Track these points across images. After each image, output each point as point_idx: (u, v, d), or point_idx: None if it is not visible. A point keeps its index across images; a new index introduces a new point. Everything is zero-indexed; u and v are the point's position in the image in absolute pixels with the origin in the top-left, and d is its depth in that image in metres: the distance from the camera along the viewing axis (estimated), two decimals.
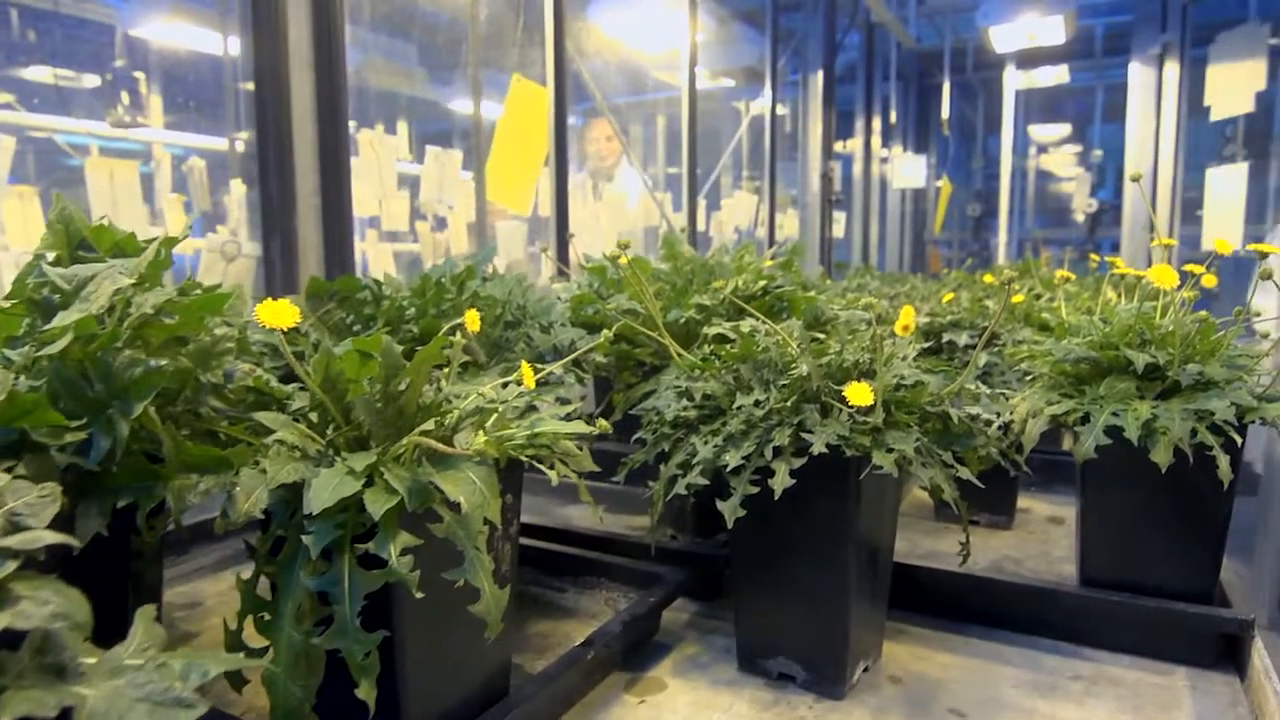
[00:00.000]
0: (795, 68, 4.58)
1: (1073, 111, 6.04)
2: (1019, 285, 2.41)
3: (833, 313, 1.25)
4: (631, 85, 4.11)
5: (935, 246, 6.11)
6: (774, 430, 0.81)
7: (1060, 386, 1.01)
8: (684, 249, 1.39)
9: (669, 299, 1.32)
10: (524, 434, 0.69)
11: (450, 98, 3.61)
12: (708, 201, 4.36)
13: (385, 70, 4.04)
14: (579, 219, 3.79)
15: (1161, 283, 0.88)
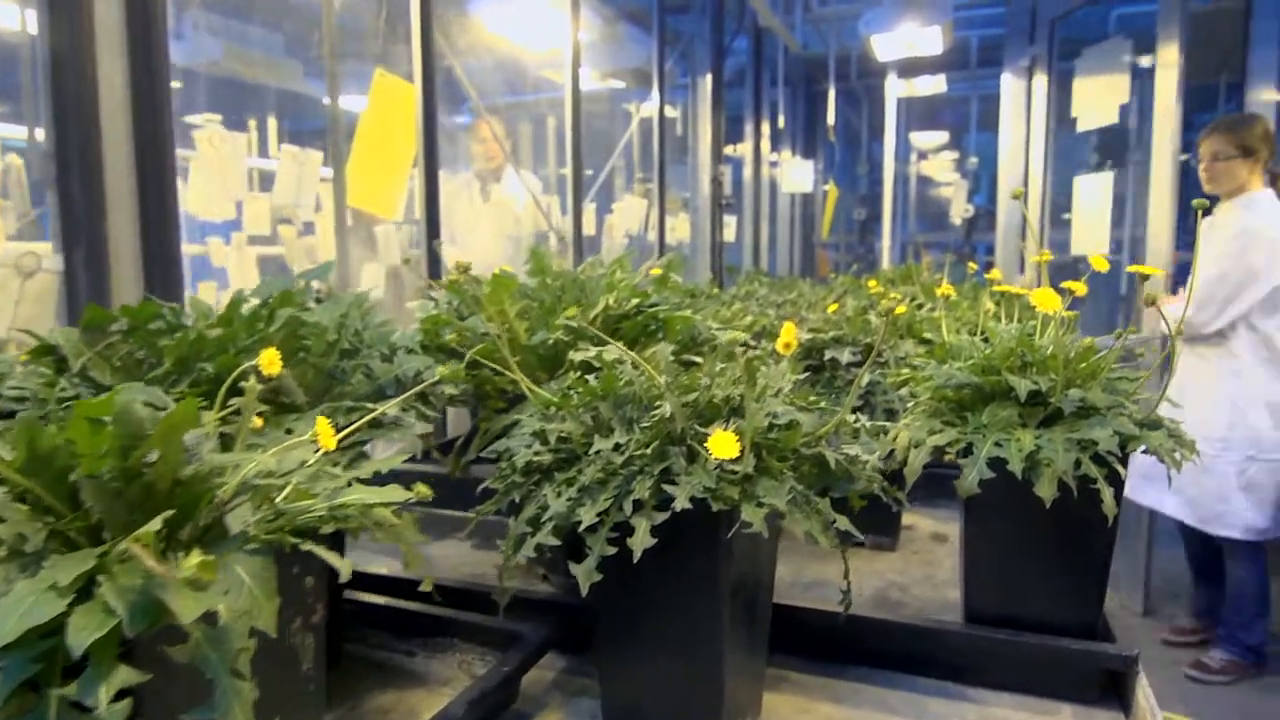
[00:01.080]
0: (685, 70, 4.54)
1: (950, 120, 6.27)
2: (900, 293, 2.42)
3: (710, 333, 1.16)
4: (519, 84, 3.97)
5: (824, 250, 6.22)
6: (635, 480, 0.71)
7: (942, 413, 0.95)
8: (554, 263, 1.27)
9: (536, 319, 1.20)
10: (322, 506, 0.57)
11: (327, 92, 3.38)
12: (599, 204, 4.27)
13: (250, 61, 3.75)
14: (463, 223, 3.62)
15: (1043, 306, 0.83)
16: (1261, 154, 2.59)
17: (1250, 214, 2.55)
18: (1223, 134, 2.62)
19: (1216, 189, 2.66)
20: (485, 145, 3.93)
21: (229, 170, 1.95)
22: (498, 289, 1.13)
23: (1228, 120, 2.70)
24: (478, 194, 3.78)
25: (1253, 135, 2.59)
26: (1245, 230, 2.51)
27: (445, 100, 3.55)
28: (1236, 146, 2.58)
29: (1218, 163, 2.62)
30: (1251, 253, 2.47)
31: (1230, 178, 2.61)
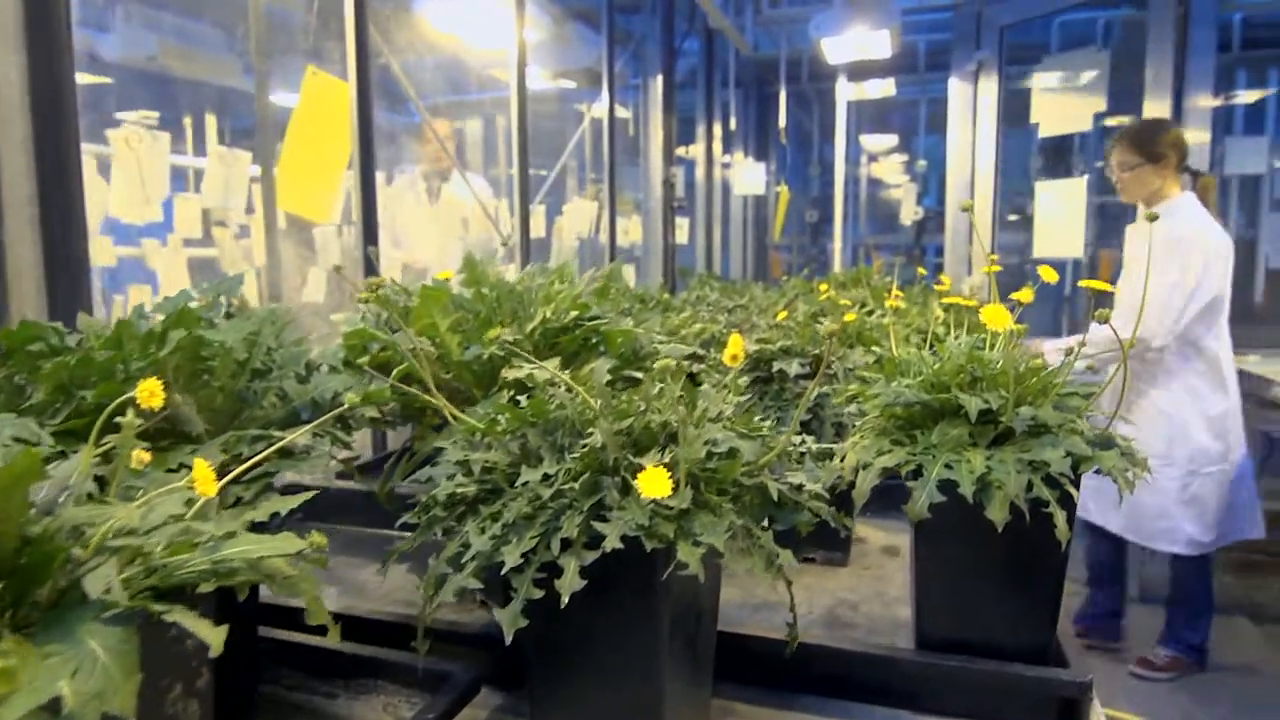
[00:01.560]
0: (636, 71, 4.49)
1: (899, 123, 6.33)
2: (851, 298, 2.40)
3: (653, 346, 1.12)
4: (467, 82, 3.88)
5: (776, 251, 6.23)
6: (564, 516, 0.66)
7: (890, 431, 0.92)
8: (491, 271, 1.21)
9: (470, 332, 1.14)
10: (201, 561, 0.50)
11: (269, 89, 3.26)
12: (551, 205, 4.20)
13: (186, 57, 3.61)
14: (409, 225, 3.52)
15: (994, 324, 0.80)
16: (1170, 158, 2.51)
17: (1174, 222, 2.48)
18: (1127, 143, 2.57)
19: (1130, 198, 2.63)
20: (432, 145, 3.84)
21: (151, 172, 1.84)
22: (427, 302, 1.07)
23: (1132, 128, 2.65)
24: (424, 195, 3.69)
25: (1158, 141, 2.53)
26: (1173, 240, 2.43)
27: (391, 98, 3.45)
28: (1141, 154, 2.53)
29: (1125, 172, 2.57)
30: (1188, 262, 2.40)
31: (1140, 185, 2.55)
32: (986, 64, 4.24)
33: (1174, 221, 2.47)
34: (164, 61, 3.39)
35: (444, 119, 3.74)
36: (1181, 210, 2.51)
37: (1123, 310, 2.38)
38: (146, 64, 3.43)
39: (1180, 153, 2.54)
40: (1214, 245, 2.44)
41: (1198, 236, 2.43)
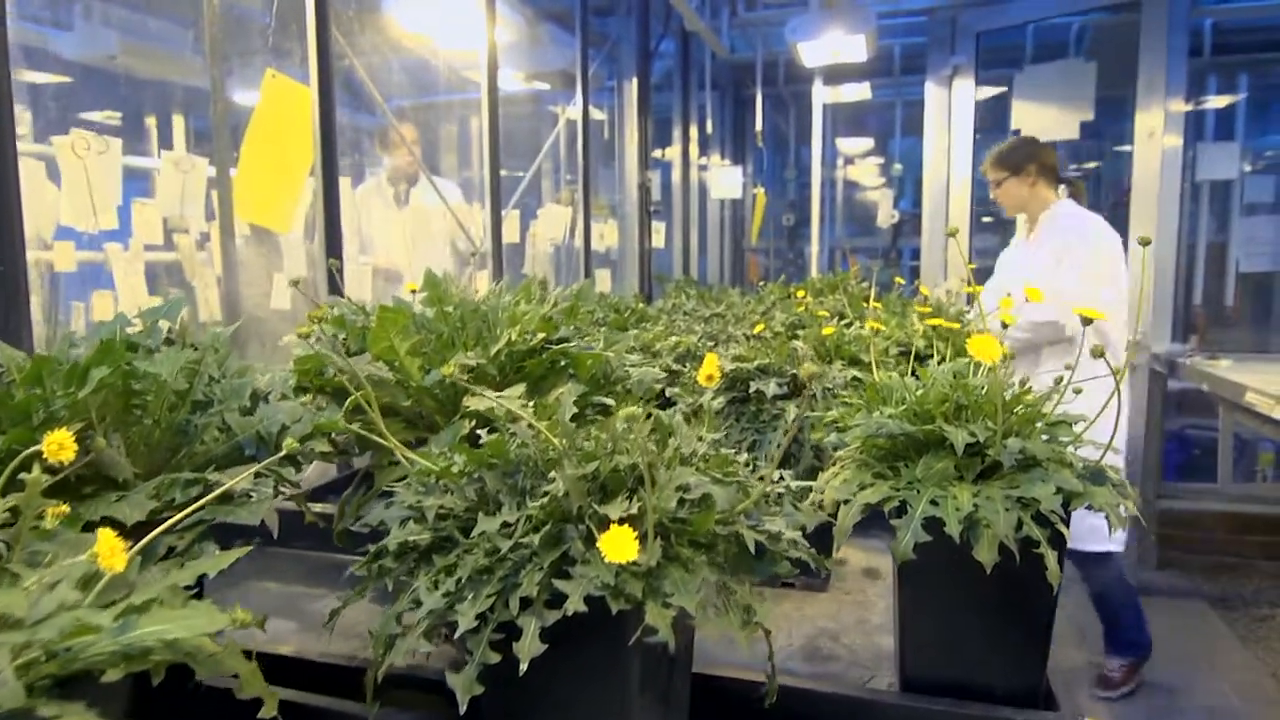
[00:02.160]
0: (611, 73, 4.44)
1: (875, 125, 6.33)
2: (829, 308, 2.37)
3: (623, 371, 1.06)
4: (439, 84, 3.81)
5: (754, 255, 6.21)
6: (524, 570, 0.60)
7: (872, 462, 0.87)
8: (453, 289, 1.15)
9: (432, 355, 1.08)
10: (107, 644, 0.44)
11: (236, 89, 3.18)
12: (528, 208, 4.13)
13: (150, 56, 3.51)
14: (379, 230, 3.44)
15: (982, 356, 0.75)
16: (1031, 167, 2.61)
17: (1058, 231, 2.55)
18: (989, 162, 2.72)
19: (1011, 212, 2.76)
20: (401, 149, 3.76)
21: (101, 180, 1.76)
22: (385, 324, 1.01)
23: (991, 151, 2.76)
24: (393, 199, 3.61)
25: (1015, 154, 2.65)
26: (1063, 247, 2.50)
27: (358, 99, 3.38)
28: (1003, 169, 2.65)
29: (997, 190, 2.71)
30: (1093, 262, 2.45)
31: (1013, 199, 2.68)
32: (962, 69, 4.24)
33: (1054, 231, 2.56)
34: (125, 60, 3.29)
35: (410, 123, 3.67)
36: (1064, 212, 2.59)
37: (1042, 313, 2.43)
38: (107, 63, 3.33)
39: (1041, 162, 2.63)
40: (1112, 238, 2.53)
41: (1096, 231, 2.51)
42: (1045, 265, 2.53)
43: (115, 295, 2.43)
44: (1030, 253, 2.66)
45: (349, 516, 0.96)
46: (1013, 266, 2.77)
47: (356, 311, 1.12)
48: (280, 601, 1.32)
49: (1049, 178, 2.65)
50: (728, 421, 1.24)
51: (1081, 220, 2.57)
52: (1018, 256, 2.78)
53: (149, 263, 2.69)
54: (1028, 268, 2.63)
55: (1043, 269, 2.53)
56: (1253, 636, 3.45)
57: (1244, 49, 4.87)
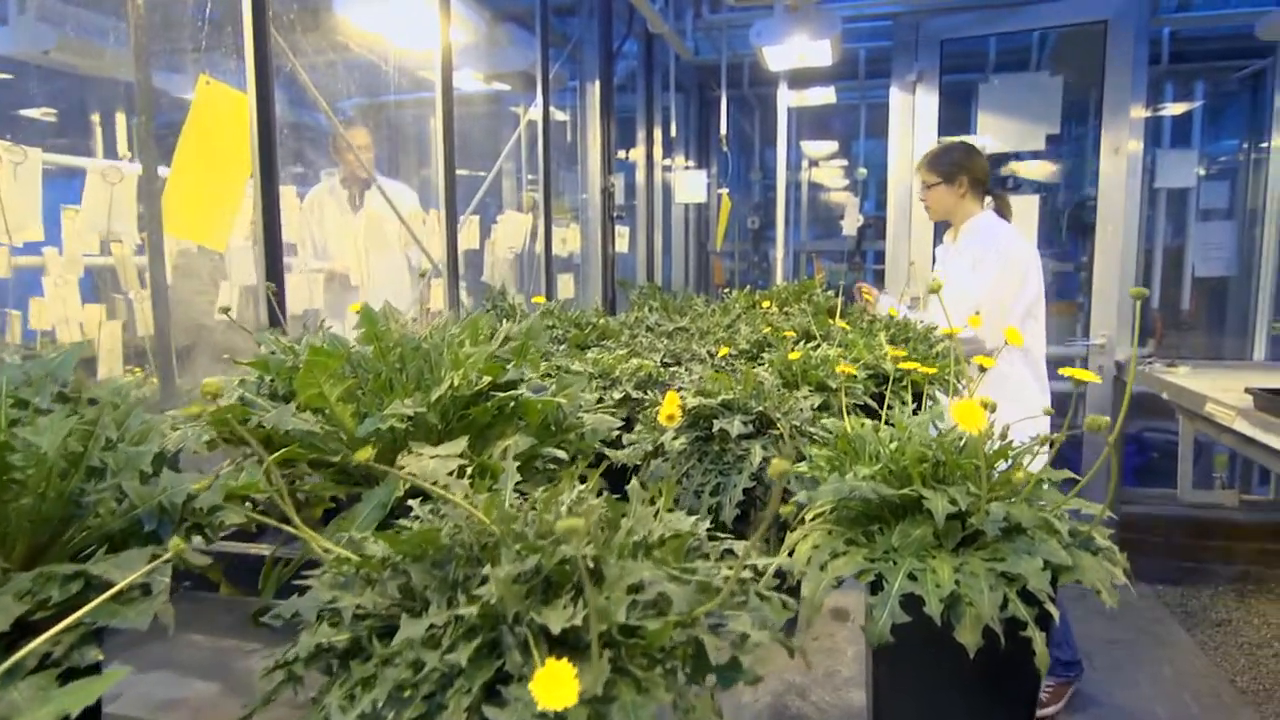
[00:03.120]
0: (574, 74, 4.35)
1: (840, 127, 6.31)
2: (794, 326, 2.31)
3: (576, 419, 0.98)
4: (399, 83, 3.68)
5: (719, 258, 6.16)
6: (450, 690, 0.52)
7: (844, 525, 0.81)
8: (393, 325, 1.06)
9: (368, 400, 0.99)
10: None
11: (184, 87, 3.04)
12: (488, 210, 4.02)
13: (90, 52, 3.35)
14: (333, 236, 3.31)
15: (966, 425, 0.69)
16: (963, 178, 2.64)
17: (976, 240, 2.63)
18: (923, 165, 2.72)
19: (934, 217, 2.78)
20: (359, 152, 3.64)
21: (20, 190, 1.64)
22: (314, 368, 0.92)
23: (929, 152, 2.76)
24: (347, 203, 3.49)
25: (949, 162, 2.66)
26: (982, 259, 2.57)
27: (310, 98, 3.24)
28: (936, 174, 2.67)
29: (926, 192, 2.72)
30: (1008, 267, 2.54)
31: (939, 205, 2.70)
32: (926, 75, 4.22)
33: (976, 241, 2.63)
34: (62, 56, 3.13)
35: (362, 128, 3.54)
36: (980, 230, 2.65)
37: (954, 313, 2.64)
38: (45, 59, 3.17)
39: (973, 175, 2.66)
40: (1024, 250, 2.61)
41: (1008, 252, 2.57)
42: (962, 270, 2.63)
43: None
44: (951, 258, 2.74)
45: (269, 589, 0.87)
46: (943, 264, 2.87)
47: (285, 350, 1.03)
48: (207, 659, 1.22)
49: (977, 191, 2.68)
50: (689, 462, 1.17)
51: (995, 231, 2.64)
52: (942, 257, 2.88)
53: (90, 268, 2.55)
54: (946, 272, 2.75)
55: (959, 274, 2.63)
56: (1211, 643, 3.48)
57: (1200, 57, 4.93)
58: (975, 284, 2.56)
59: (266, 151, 1.73)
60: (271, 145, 1.74)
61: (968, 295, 2.55)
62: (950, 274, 2.69)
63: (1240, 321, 4.87)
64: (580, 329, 2.29)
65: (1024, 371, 2.65)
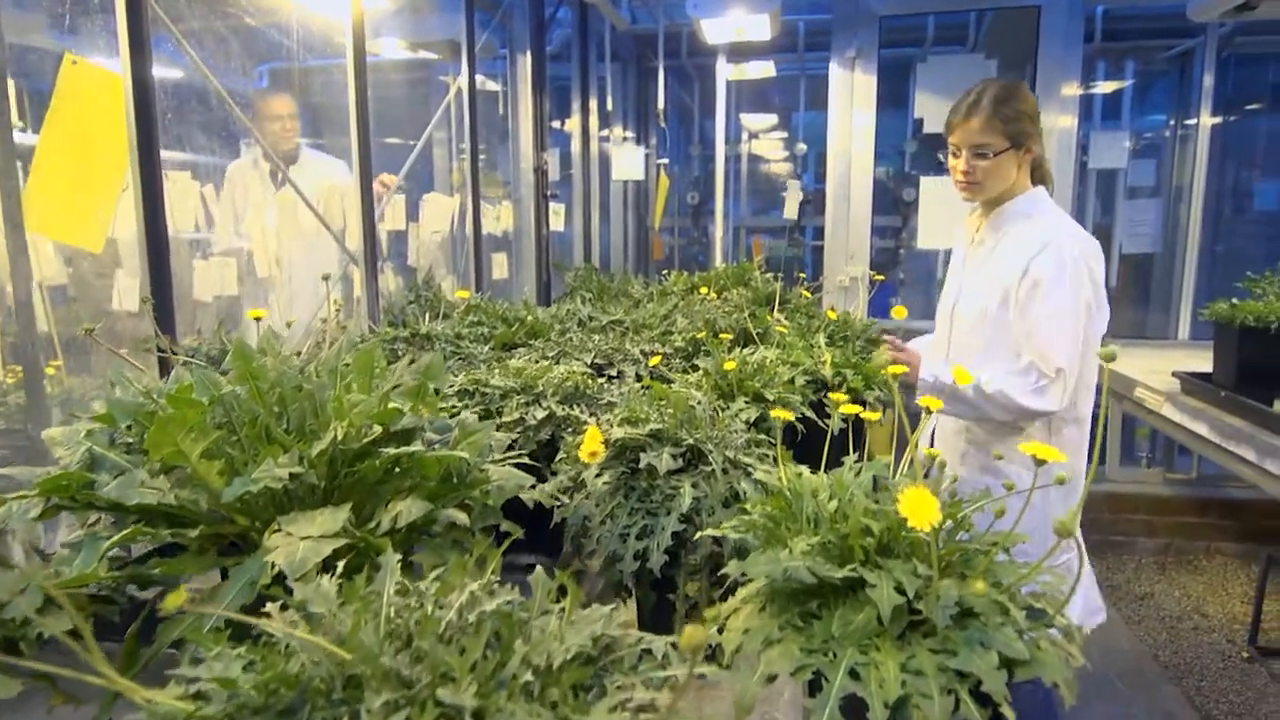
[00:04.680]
0: (504, 42, 4.14)
1: (779, 99, 6.22)
2: (731, 305, 2.22)
3: (479, 473, 0.87)
4: (326, 48, 3.43)
5: (659, 234, 6.04)
6: None
7: (781, 605, 0.72)
8: (270, 360, 0.93)
9: (241, 453, 0.87)
10: None
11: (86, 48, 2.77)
12: (419, 181, 3.82)
13: None
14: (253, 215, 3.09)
15: (918, 523, 0.60)
16: (1031, 144, 1.80)
17: (1032, 237, 1.76)
18: (980, 119, 1.76)
19: (979, 197, 1.85)
20: (280, 122, 3.41)
21: None
22: (169, 425, 0.79)
23: (986, 95, 1.78)
24: (269, 178, 3.26)
25: (1022, 117, 1.77)
26: (1049, 274, 1.70)
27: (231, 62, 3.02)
28: (1003, 135, 1.76)
29: (978, 162, 1.78)
30: (1075, 283, 1.71)
31: (996, 180, 1.80)
32: (864, 51, 4.15)
33: (1043, 230, 1.79)
34: None
35: (282, 95, 3.31)
36: (1038, 210, 1.84)
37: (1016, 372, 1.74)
38: None
39: (1038, 134, 1.85)
40: (1098, 256, 1.81)
41: (1083, 248, 1.77)
42: (1006, 285, 1.76)
43: None
44: (984, 264, 1.86)
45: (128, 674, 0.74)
46: (976, 274, 1.90)
47: (144, 396, 0.89)
48: None
49: (1031, 156, 1.84)
50: (615, 499, 1.07)
51: (1058, 225, 1.78)
52: (964, 262, 1.98)
53: None
54: (976, 288, 1.87)
55: (1003, 292, 1.77)
56: (1135, 617, 3.58)
57: (1132, 36, 4.97)
58: (1047, 315, 1.69)
59: (146, 138, 1.55)
60: (152, 131, 1.56)
61: (1041, 338, 1.69)
62: (983, 290, 1.83)
63: (1164, 299, 4.99)
64: (508, 325, 2.17)
65: (1078, 448, 1.82)
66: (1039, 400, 1.69)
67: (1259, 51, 5.06)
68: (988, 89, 1.82)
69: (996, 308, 1.81)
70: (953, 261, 2.10)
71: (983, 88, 1.84)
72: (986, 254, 1.89)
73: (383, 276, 3.32)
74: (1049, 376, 1.70)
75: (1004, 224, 1.86)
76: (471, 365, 1.84)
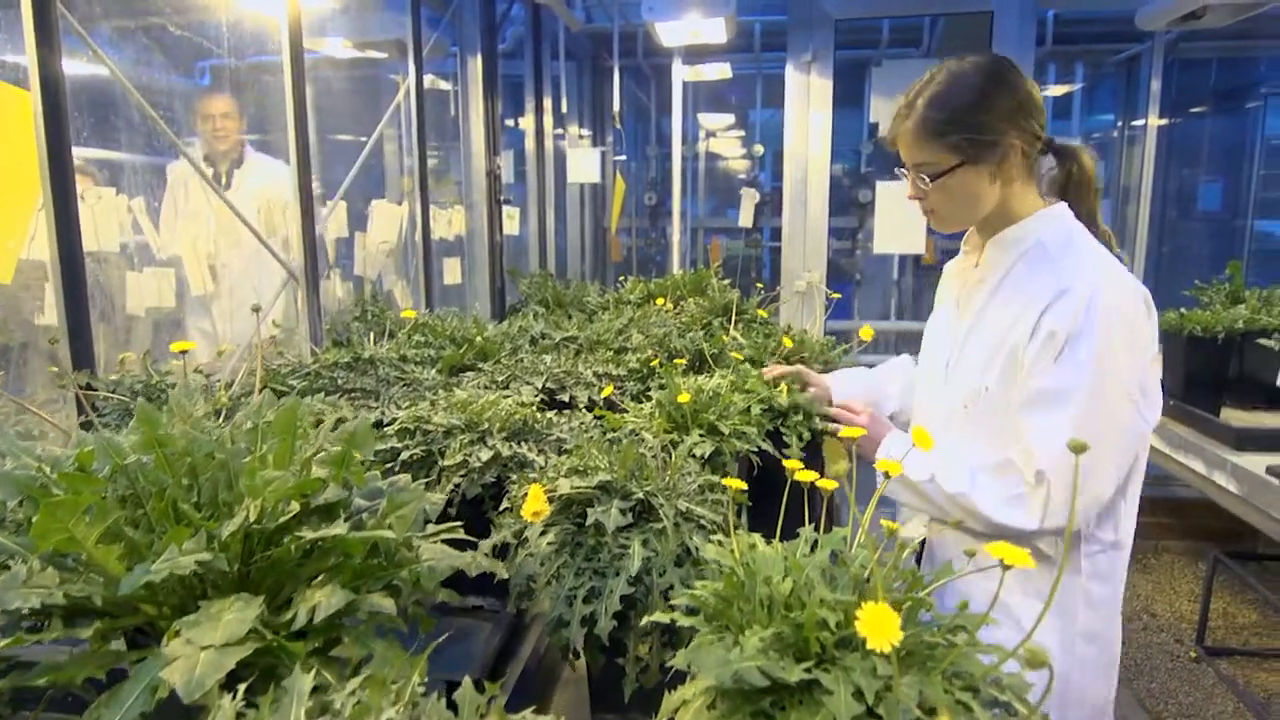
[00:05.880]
0: (455, 40, 4.03)
1: (736, 98, 6.19)
2: (687, 315, 2.18)
3: (412, 549, 0.81)
4: (265, 45, 3.30)
5: (616, 235, 5.98)
6: None
7: (732, 704, 0.67)
8: (178, 426, 0.85)
9: (144, 535, 0.79)
10: None
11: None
12: (370, 180, 3.70)
13: None
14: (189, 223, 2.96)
15: (877, 644, 0.56)
16: (1008, 141, 1.25)
17: (1048, 278, 1.22)
18: (915, 127, 1.29)
19: (946, 228, 1.36)
20: (218, 122, 3.28)
21: None
22: (57, 509, 0.71)
23: (931, 91, 1.28)
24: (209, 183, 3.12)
25: (980, 110, 1.25)
26: (1067, 330, 1.15)
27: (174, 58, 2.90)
28: (949, 148, 1.26)
29: (922, 184, 1.30)
30: (1100, 351, 1.14)
31: (955, 208, 1.32)
32: (820, 54, 4.13)
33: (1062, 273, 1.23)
34: None
35: (223, 95, 3.17)
36: (1054, 240, 1.29)
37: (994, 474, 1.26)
38: None
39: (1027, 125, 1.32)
40: (1144, 309, 1.26)
41: (1119, 301, 1.20)
42: (1010, 344, 1.23)
43: None
44: (980, 312, 1.33)
45: None
46: (972, 329, 1.35)
47: (36, 470, 0.81)
48: None
49: (1029, 163, 1.29)
50: (561, 558, 1.01)
51: (1082, 261, 1.22)
52: (952, 306, 1.44)
53: None
54: (968, 346, 1.34)
55: (1006, 353, 1.24)
56: None
57: (1082, 40, 5.04)
58: (1044, 393, 1.18)
59: (59, 163, 1.44)
60: (65, 155, 1.45)
61: (1029, 425, 1.19)
62: (978, 356, 1.30)
63: None
64: (457, 346, 2.10)
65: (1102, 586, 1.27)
66: (1010, 512, 1.19)
67: (1203, 56, 5.18)
68: (926, 87, 1.30)
69: (996, 383, 1.25)
70: (941, 296, 1.53)
71: (919, 87, 1.32)
72: (985, 298, 1.33)
73: (329, 283, 3.22)
74: (1029, 482, 1.19)
75: (1006, 258, 1.30)
76: (417, 392, 1.76)
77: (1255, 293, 2.77)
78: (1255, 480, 2.18)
